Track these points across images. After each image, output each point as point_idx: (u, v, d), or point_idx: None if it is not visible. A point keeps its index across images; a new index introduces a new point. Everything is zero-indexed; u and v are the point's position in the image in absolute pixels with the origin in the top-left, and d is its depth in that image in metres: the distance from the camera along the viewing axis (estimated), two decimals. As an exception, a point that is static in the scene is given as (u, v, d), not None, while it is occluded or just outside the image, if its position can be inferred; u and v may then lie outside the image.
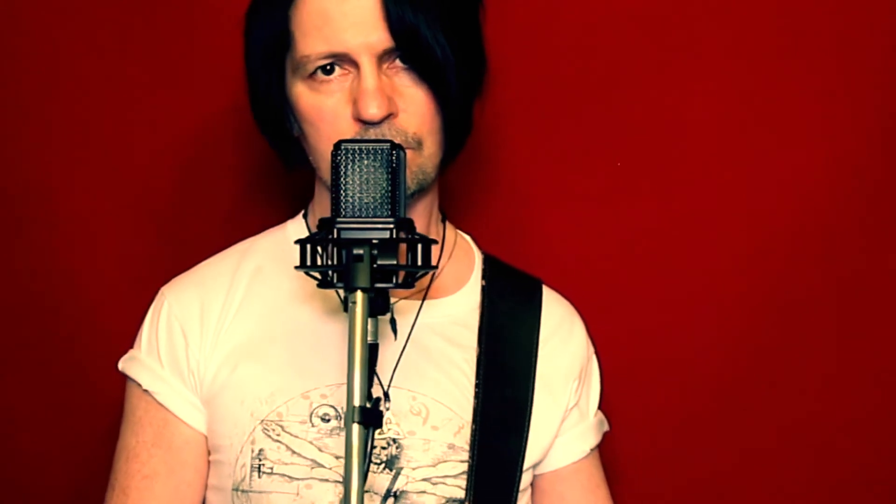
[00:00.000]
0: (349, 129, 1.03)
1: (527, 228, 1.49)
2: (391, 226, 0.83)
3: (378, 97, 1.01)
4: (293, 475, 1.03)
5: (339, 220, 0.83)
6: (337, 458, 1.04)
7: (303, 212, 1.20)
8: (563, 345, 1.21)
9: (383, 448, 1.05)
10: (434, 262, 0.90)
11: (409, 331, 1.11)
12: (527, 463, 1.13)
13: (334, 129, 1.03)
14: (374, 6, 1.01)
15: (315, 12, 1.03)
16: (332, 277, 0.85)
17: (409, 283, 0.87)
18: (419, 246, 0.86)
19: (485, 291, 1.18)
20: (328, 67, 1.04)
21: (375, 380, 1.01)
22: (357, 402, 0.81)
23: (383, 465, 1.05)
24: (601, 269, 1.47)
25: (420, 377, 1.10)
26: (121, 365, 1.14)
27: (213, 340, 1.07)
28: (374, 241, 0.82)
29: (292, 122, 1.11)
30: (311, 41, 1.03)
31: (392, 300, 1.06)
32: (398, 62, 1.04)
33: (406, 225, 0.85)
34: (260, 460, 1.03)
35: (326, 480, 1.04)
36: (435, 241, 0.89)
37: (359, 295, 0.82)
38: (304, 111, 1.06)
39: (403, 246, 0.86)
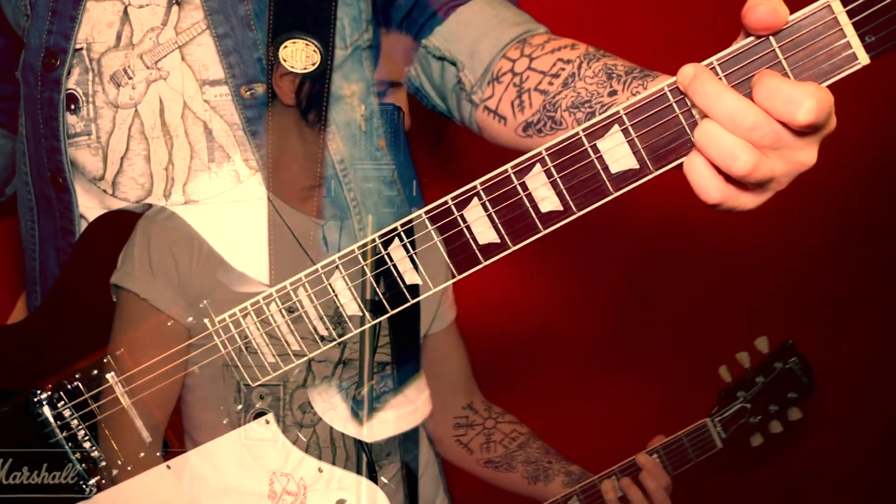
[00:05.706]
0: None
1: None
2: (393, 167, 1.13)
3: None
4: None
5: (356, 163, 1.13)
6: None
7: None
8: None
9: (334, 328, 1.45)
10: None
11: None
12: (421, 333, 1.55)
13: None
14: None
15: None
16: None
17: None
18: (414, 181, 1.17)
19: None
20: None
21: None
22: (368, 296, 1.12)
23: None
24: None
25: None
26: None
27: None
28: (382, 178, 1.12)
29: None
30: None
31: None
32: None
33: (404, 168, 1.15)
34: None
35: None
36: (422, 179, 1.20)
37: (369, 218, 1.12)
38: None
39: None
